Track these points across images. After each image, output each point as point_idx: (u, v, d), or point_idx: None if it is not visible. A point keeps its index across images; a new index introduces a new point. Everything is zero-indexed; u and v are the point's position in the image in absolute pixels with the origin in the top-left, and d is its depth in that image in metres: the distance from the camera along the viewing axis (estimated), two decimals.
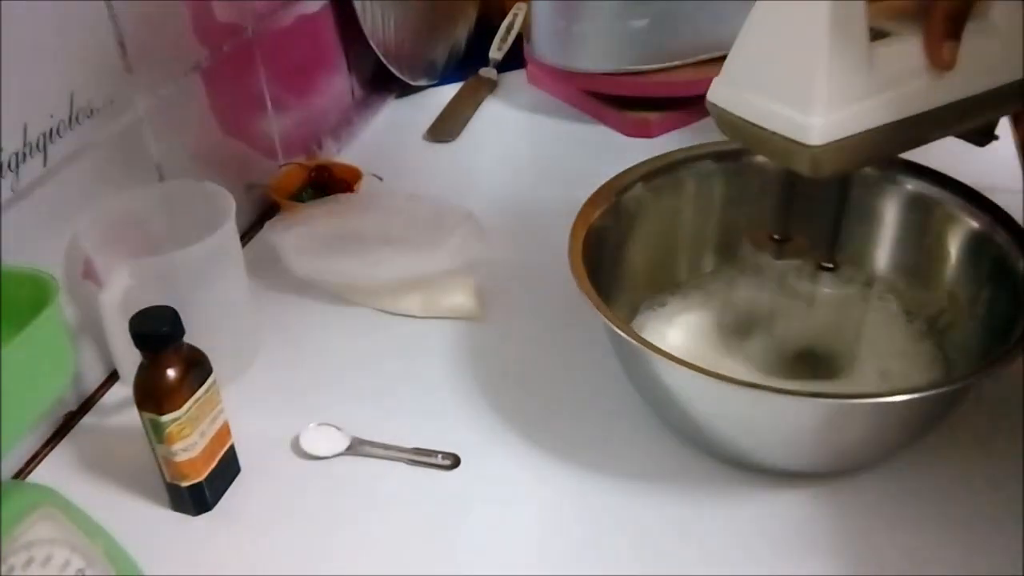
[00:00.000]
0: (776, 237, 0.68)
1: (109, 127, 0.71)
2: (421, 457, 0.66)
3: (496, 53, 1.22)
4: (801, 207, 0.66)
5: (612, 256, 0.71)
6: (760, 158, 0.73)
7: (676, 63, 1.02)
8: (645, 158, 0.75)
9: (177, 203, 0.73)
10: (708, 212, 0.77)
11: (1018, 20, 0.59)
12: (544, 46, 1.09)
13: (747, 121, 0.58)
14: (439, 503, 0.63)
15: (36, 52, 0.63)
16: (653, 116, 1.03)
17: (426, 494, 0.63)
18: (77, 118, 0.67)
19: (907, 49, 0.57)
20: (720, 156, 0.75)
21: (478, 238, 0.79)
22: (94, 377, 0.73)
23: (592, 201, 0.71)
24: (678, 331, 0.72)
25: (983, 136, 0.65)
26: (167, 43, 0.77)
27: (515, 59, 1.20)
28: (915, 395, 0.54)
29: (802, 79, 0.55)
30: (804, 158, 0.55)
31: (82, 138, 0.68)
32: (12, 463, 0.66)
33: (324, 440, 0.67)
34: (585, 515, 0.61)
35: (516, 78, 1.18)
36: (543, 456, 0.65)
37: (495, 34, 1.24)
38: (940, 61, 0.57)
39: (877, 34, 0.57)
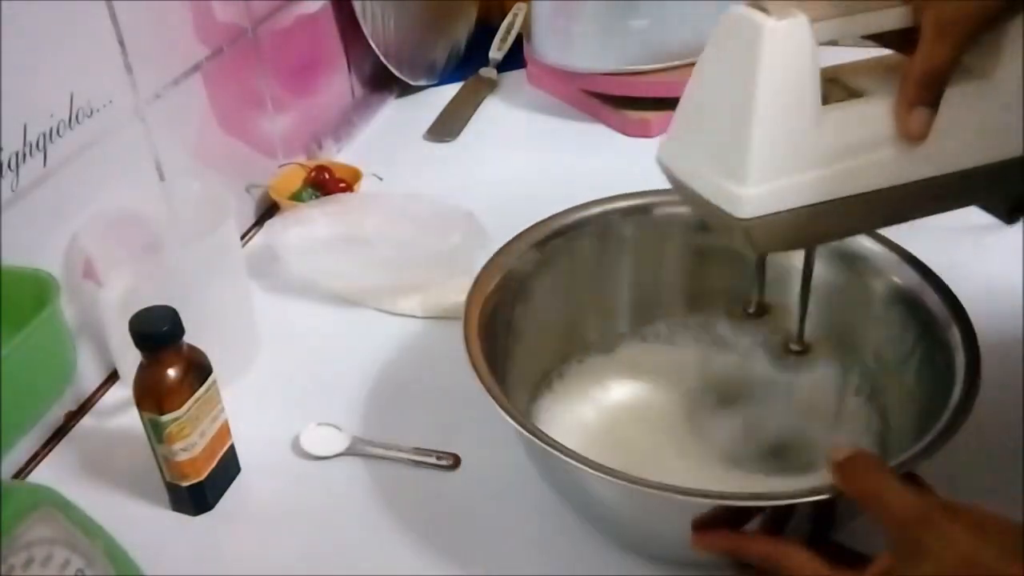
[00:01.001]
0: (750, 311, 0.61)
1: (109, 127, 0.71)
2: (421, 457, 0.66)
3: (496, 53, 1.22)
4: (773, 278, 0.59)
5: (517, 324, 0.65)
6: (669, 209, 0.68)
7: (676, 63, 1.02)
8: (643, 157, 0.73)
9: (177, 203, 0.73)
10: (619, 270, 0.70)
11: None
12: (544, 46, 1.09)
13: (688, 185, 0.52)
14: (439, 503, 0.63)
15: (36, 52, 0.63)
16: (653, 116, 1.03)
17: (426, 494, 0.63)
18: (77, 118, 0.67)
19: (875, 113, 0.49)
20: (628, 211, 0.69)
21: (478, 238, 0.79)
22: (94, 377, 0.73)
23: (487, 271, 0.65)
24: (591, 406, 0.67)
25: (1012, 211, 0.58)
26: (167, 43, 0.77)
27: (515, 59, 1.20)
28: (793, 500, 0.49)
29: (733, 145, 0.48)
30: (737, 231, 0.49)
31: (82, 138, 0.68)
32: (12, 463, 0.66)
33: (324, 440, 0.67)
34: None
35: (516, 78, 1.18)
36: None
37: (495, 34, 1.24)
38: (907, 131, 0.48)
39: (852, 92, 0.51)
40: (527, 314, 0.66)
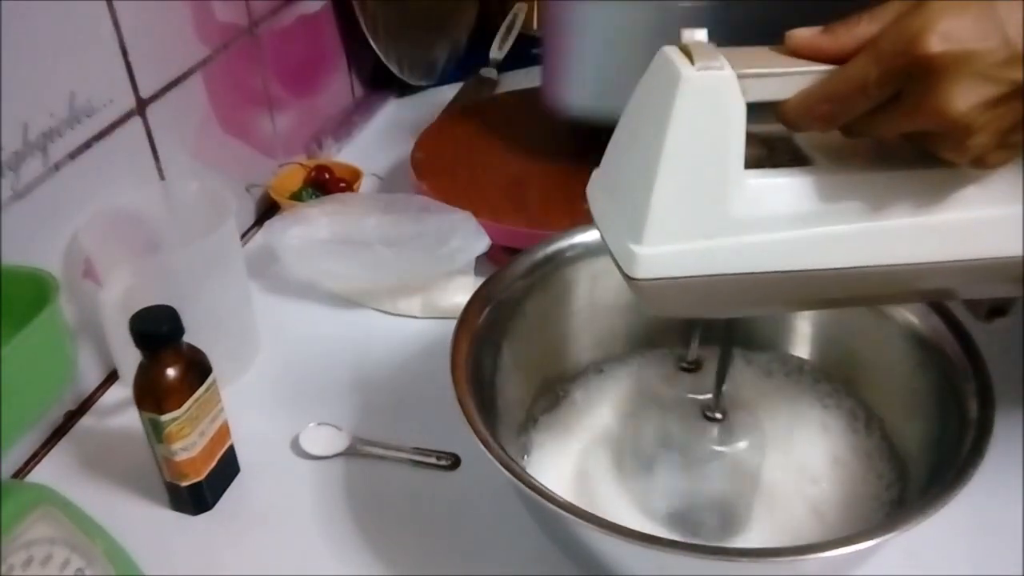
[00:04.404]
0: (684, 365, 0.58)
1: (109, 126, 0.71)
2: (421, 457, 0.66)
3: (496, 53, 1.22)
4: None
5: (506, 352, 0.62)
6: None
7: None
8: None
9: (177, 203, 0.73)
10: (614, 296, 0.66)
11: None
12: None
13: (599, 228, 0.48)
14: (439, 503, 0.63)
15: (36, 51, 0.63)
16: None
17: (426, 494, 0.63)
18: (77, 117, 0.67)
19: (811, 185, 0.44)
20: None
21: (478, 238, 0.79)
22: (94, 376, 0.73)
23: (473, 305, 0.61)
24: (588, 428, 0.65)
25: (990, 312, 0.51)
26: (168, 42, 0.77)
27: (515, 59, 1.20)
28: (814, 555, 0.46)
29: (637, 198, 0.44)
30: (633, 289, 0.45)
31: (82, 137, 0.68)
32: (12, 462, 0.66)
33: (324, 440, 0.67)
34: None
35: (516, 78, 1.18)
36: None
37: (495, 34, 1.24)
38: (785, 109, 0.43)
39: (800, 158, 0.46)
40: (518, 342, 0.63)
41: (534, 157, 0.92)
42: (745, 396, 0.62)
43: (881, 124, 0.42)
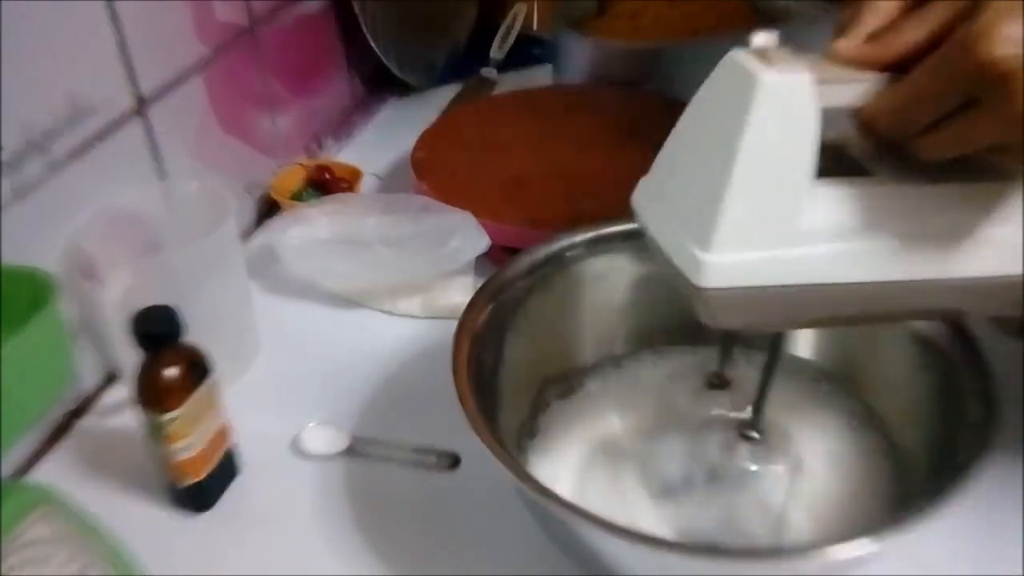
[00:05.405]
0: (714, 382, 0.58)
1: (109, 126, 0.71)
2: (421, 457, 0.66)
3: (496, 53, 1.22)
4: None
5: (511, 345, 0.63)
6: None
7: None
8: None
9: (177, 202, 0.73)
10: (613, 295, 0.67)
11: None
12: None
13: (653, 237, 0.47)
14: (439, 503, 0.63)
15: (36, 51, 0.63)
16: None
17: (426, 494, 0.63)
18: (77, 117, 0.67)
19: (877, 196, 0.44)
20: (626, 235, 0.65)
21: (478, 238, 0.79)
22: (94, 376, 0.73)
23: (475, 305, 0.61)
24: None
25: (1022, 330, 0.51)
26: (168, 42, 0.77)
27: (515, 59, 1.20)
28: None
29: (704, 205, 0.43)
30: (696, 299, 0.44)
31: (82, 137, 0.68)
32: (12, 462, 0.66)
33: (324, 440, 0.67)
34: None
35: (516, 78, 1.18)
36: None
37: (495, 34, 1.23)
38: (868, 114, 0.42)
39: (855, 169, 0.45)
40: (518, 342, 0.63)
41: (534, 157, 0.92)
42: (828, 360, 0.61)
43: (961, 135, 0.40)
